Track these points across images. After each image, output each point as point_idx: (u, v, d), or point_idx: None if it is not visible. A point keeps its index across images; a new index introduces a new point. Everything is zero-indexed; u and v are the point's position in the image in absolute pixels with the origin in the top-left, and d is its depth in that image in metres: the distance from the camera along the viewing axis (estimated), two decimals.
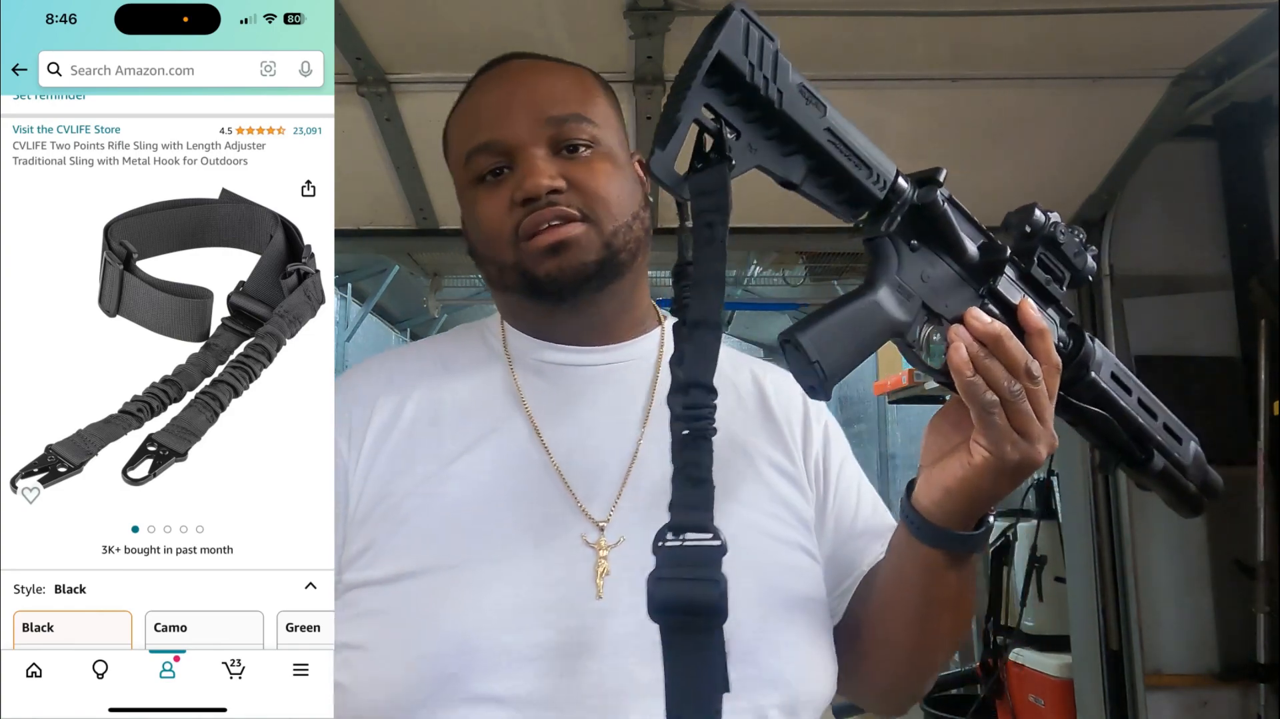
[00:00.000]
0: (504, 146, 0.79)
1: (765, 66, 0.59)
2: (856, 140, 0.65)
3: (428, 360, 0.84)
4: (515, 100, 0.80)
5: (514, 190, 0.77)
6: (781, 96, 0.60)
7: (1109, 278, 2.01)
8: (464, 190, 0.83)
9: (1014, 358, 0.65)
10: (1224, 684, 1.94)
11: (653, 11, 1.35)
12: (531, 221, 0.76)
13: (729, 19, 0.60)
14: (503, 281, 0.81)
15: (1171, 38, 1.50)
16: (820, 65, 1.57)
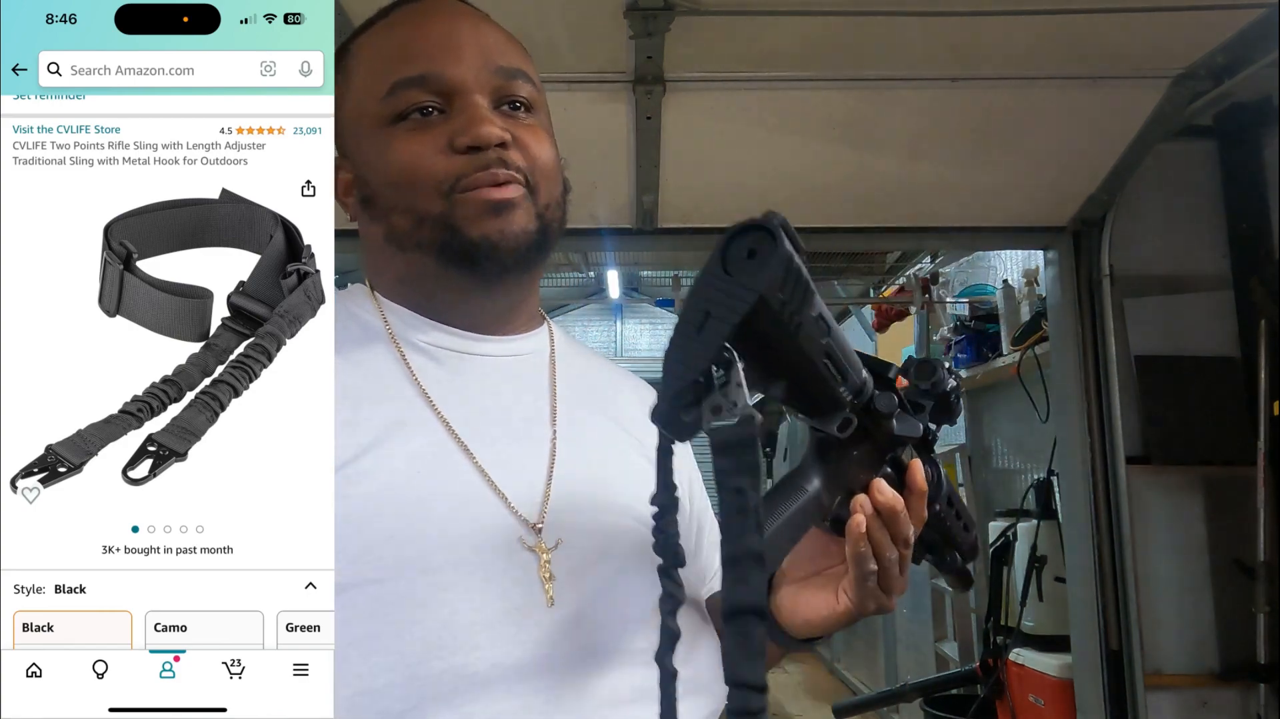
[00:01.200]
0: (444, 85, 0.69)
1: (796, 300, 0.50)
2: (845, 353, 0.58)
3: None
4: (461, 39, 0.71)
5: (455, 135, 0.68)
6: (799, 329, 0.52)
7: (1109, 278, 2.01)
8: (374, 129, 0.71)
9: (901, 529, 0.66)
10: (1224, 684, 1.94)
11: (653, 11, 1.35)
12: (477, 176, 0.67)
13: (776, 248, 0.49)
14: (414, 237, 0.69)
15: (1171, 38, 1.51)
16: (820, 65, 1.58)
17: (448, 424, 0.68)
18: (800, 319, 0.52)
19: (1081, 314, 2.05)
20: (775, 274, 0.49)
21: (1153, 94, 1.65)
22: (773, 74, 1.57)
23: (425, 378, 0.70)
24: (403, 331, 0.72)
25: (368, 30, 0.75)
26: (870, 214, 2.01)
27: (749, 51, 1.51)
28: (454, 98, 0.70)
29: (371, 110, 0.71)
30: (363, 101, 0.72)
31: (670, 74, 1.55)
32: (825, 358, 0.56)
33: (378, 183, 0.71)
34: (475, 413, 0.70)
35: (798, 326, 0.52)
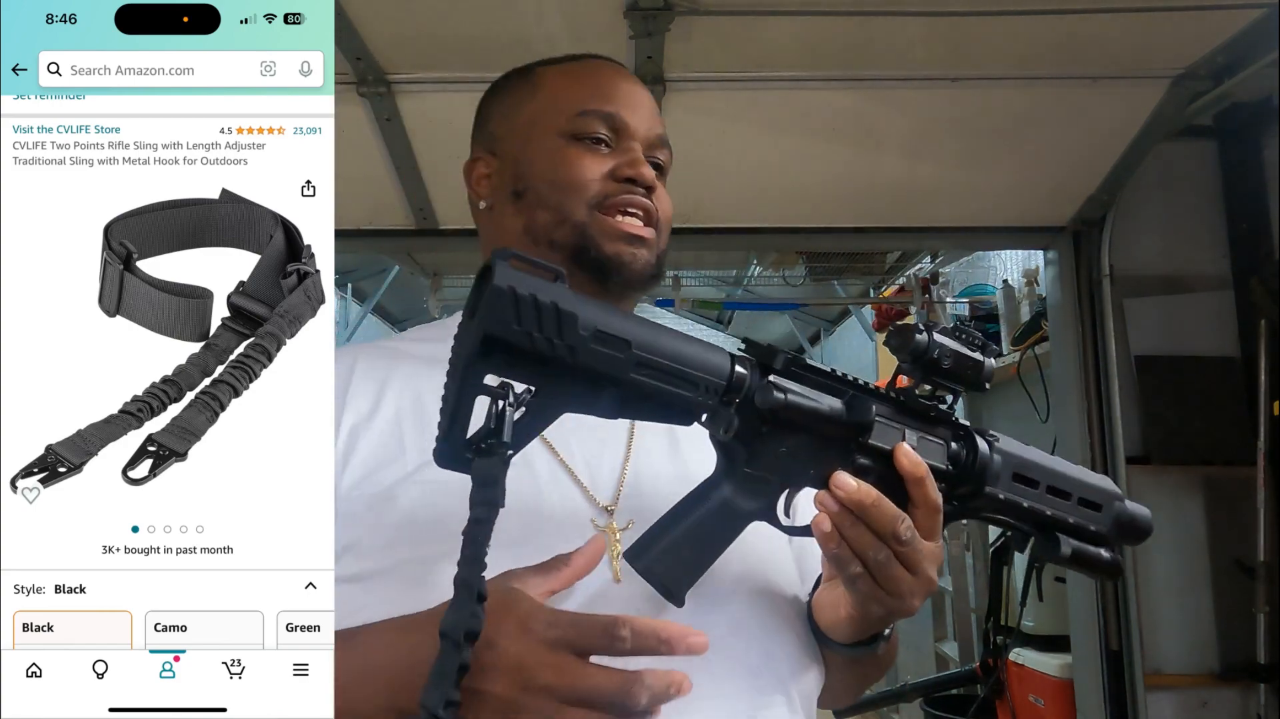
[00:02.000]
0: (621, 125, 0.82)
1: (547, 328, 0.52)
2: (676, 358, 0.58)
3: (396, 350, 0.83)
4: (639, 97, 0.85)
5: (620, 166, 0.80)
6: (574, 350, 0.54)
7: (1109, 278, 2.01)
8: (549, 137, 0.82)
9: (882, 524, 0.63)
10: (1224, 684, 1.94)
11: (653, 11, 1.35)
12: (622, 200, 0.80)
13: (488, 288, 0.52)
14: (553, 233, 0.80)
15: (1171, 38, 1.50)
16: (820, 65, 1.58)
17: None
18: (569, 342, 0.53)
19: (1081, 314, 2.05)
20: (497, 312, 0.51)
21: (1153, 94, 1.65)
22: (773, 74, 1.57)
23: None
24: None
25: (564, 61, 0.89)
26: (870, 214, 2.01)
27: (749, 51, 1.51)
28: (623, 138, 0.83)
29: (556, 123, 0.83)
30: (548, 113, 0.84)
31: (670, 74, 1.55)
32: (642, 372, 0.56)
33: (537, 180, 0.82)
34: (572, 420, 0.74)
35: (570, 349, 0.53)
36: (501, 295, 0.52)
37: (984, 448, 0.69)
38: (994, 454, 0.69)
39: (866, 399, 0.65)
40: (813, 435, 0.64)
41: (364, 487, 0.72)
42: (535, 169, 0.82)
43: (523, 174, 0.83)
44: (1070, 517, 0.73)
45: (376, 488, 0.72)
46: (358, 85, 1.56)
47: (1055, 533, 0.72)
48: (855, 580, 0.65)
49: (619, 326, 0.55)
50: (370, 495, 0.71)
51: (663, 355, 0.57)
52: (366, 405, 0.77)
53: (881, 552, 0.64)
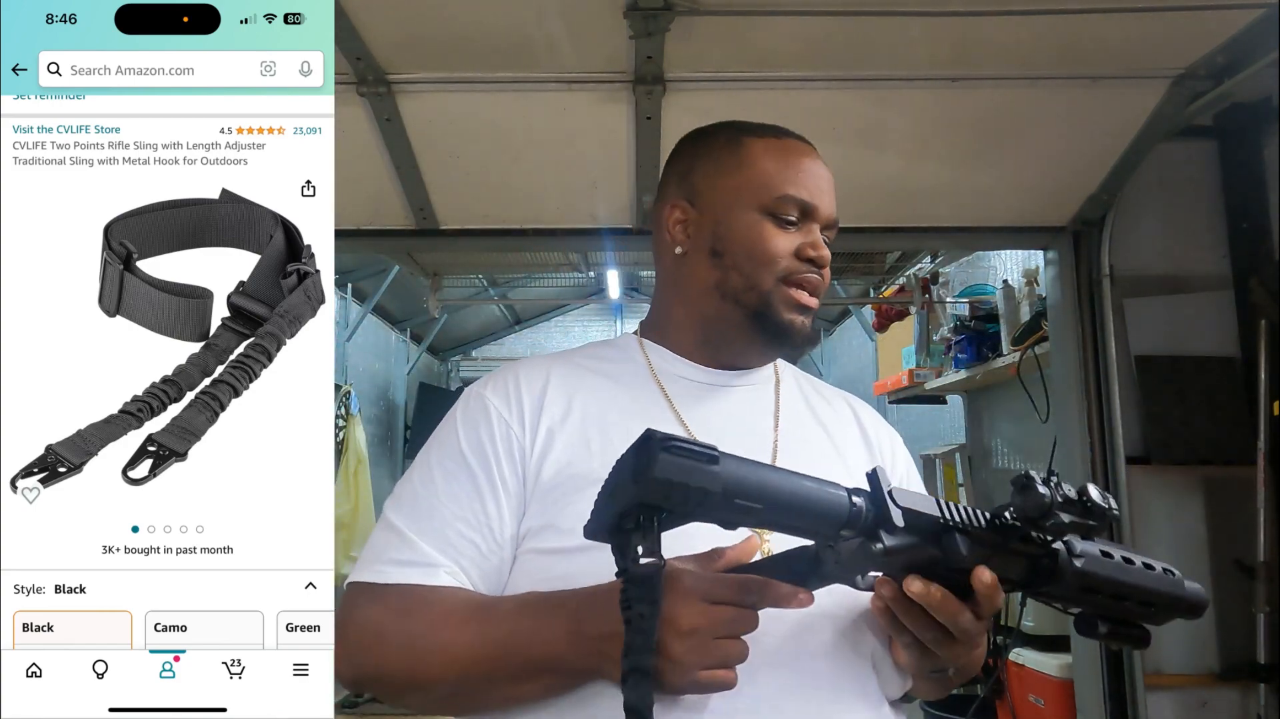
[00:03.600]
0: (811, 211, 0.93)
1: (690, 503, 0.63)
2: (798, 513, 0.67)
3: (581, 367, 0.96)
4: (825, 182, 0.95)
5: (808, 247, 0.92)
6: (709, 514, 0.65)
7: (1109, 278, 2.01)
8: (749, 209, 0.93)
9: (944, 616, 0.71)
10: (1224, 684, 1.94)
11: (653, 11, 1.35)
12: (803, 277, 0.92)
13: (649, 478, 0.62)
14: (740, 295, 0.92)
15: (1171, 38, 1.50)
16: (820, 65, 1.58)
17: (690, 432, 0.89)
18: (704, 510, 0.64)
19: (1081, 314, 2.05)
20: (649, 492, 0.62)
21: (1153, 94, 1.65)
22: (773, 74, 1.57)
23: (678, 402, 0.93)
24: (661, 368, 0.96)
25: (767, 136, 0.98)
26: (870, 214, 2.01)
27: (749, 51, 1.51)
28: (808, 219, 0.93)
29: (760, 200, 0.92)
30: (753, 189, 0.93)
31: (670, 74, 1.55)
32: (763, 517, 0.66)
33: (736, 247, 0.93)
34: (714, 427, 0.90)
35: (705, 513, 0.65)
36: (659, 485, 0.62)
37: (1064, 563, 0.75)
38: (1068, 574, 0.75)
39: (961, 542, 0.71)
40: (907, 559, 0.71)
41: (560, 478, 0.84)
42: (735, 235, 0.93)
43: (723, 236, 0.94)
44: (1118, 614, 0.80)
45: (571, 479, 0.83)
46: (358, 85, 1.56)
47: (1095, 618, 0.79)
48: (909, 647, 0.75)
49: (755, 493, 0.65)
50: (566, 485, 0.83)
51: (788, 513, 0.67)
52: (560, 411, 0.89)
53: (929, 632, 0.72)
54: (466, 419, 0.88)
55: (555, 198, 1.94)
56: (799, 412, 0.97)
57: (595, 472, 0.80)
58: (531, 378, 0.92)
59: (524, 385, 0.90)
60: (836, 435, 0.98)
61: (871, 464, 0.90)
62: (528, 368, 0.94)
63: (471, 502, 0.84)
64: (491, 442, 0.86)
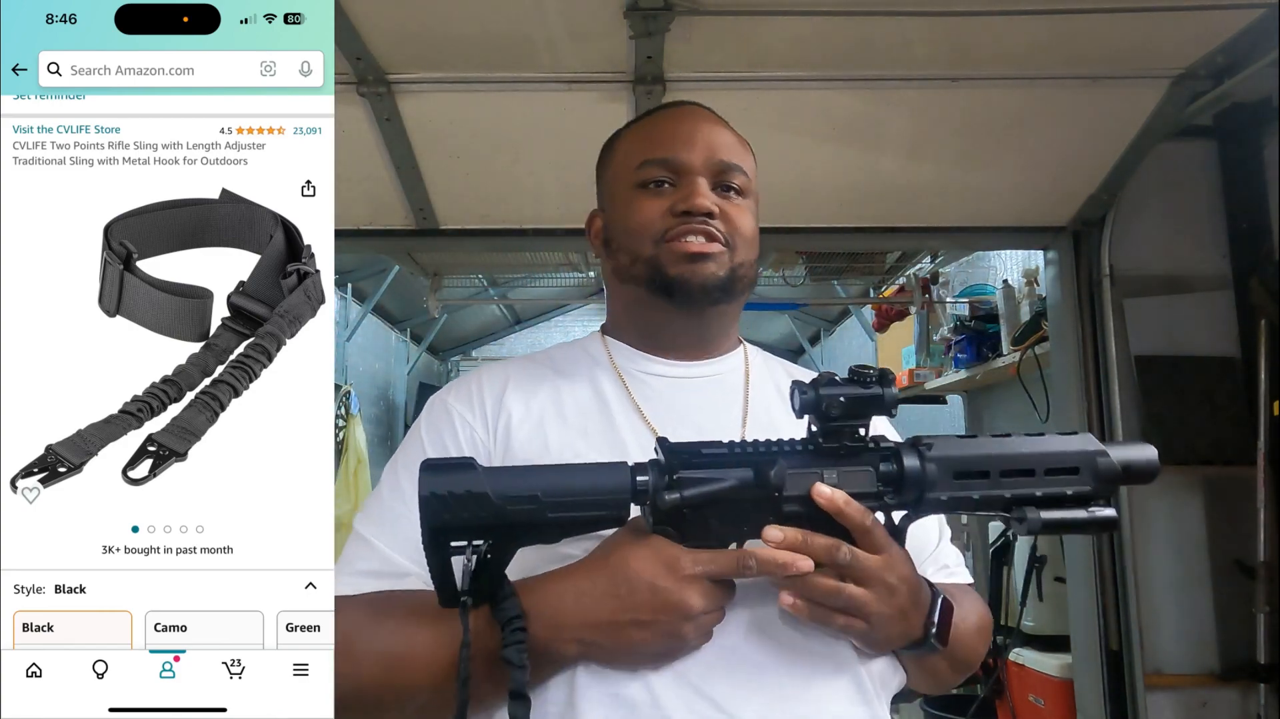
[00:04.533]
0: (677, 165, 0.91)
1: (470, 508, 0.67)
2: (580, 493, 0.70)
3: (540, 369, 0.96)
4: (696, 134, 0.93)
5: (676, 202, 0.90)
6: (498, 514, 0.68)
7: (1109, 278, 2.01)
8: (623, 190, 0.94)
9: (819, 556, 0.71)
10: (1224, 684, 1.93)
11: (653, 11, 1.35)
12: (682, 229, 0.89)
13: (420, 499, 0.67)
14: (630, 271, 0.92)
15: (1171, 38, 1.50)
16: (820, 65, 1.58)
17: (653, 429, 0.88)
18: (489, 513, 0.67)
19: (1081, 314, 2.05)
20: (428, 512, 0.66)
21: (1153, 94, 1.65)
22: (773, 74, 1.56)
23: (639, 396, 0.92)
24: (623, 364, 0.95)
25: (634, 125, 1.00)
26: (870, 214, 2.01)
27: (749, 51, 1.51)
28: (683, 176, 0.91)
29: (625, 178, 0.94)
30: (622, 170, 0.95)
31: (670, 74, 1.55)
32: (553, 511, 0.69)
33: (616, 228, 0.95)
34: (675, 420, 0.89)
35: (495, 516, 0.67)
36: (426, 501, 0.66)
37: (911, 461, 0.74)
38: (925, 463, 0.74)
39: (770, 461, 0.72)
40: (733, 504, 0.72)
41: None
42: (615, 220, 0.95)
43: (610, 225, 0.97)
44: (1037, 489, 0.74)
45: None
46: (358, 85, 1.55)
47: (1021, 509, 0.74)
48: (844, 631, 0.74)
49: (524, 488, 0.68)
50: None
51: (569, 496, 0.69)
52: (519, 410, 0.89)
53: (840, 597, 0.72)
54: (430, 425, 0.90)
55: (555, 198, 1.94)
56: (770, 401, 0.96)
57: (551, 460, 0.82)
58: (492, 381, 0.93)
59: (485, 388, 0.92)
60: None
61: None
62: (489, 372, 0.95)
63: None
64: (456, 445, 0.87)
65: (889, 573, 0.73)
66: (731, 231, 0.91)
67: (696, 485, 0.71)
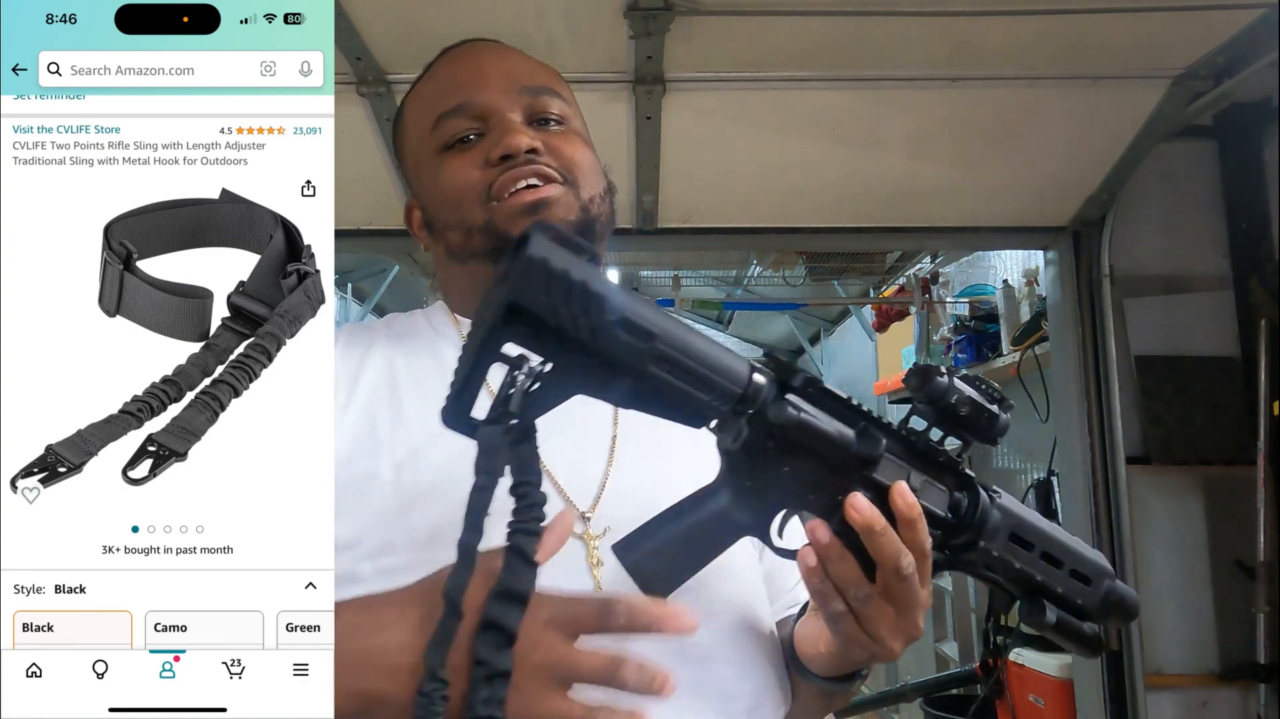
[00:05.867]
0: (479, 109, 0.77)
1: (574, 305, 0.52)
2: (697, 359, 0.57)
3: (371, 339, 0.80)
4: (489, 68, 0.79)
5: (490, 150, 0.75)
6: (597, 332, 0.53)
7: (1109, 278, 2.01)
8: (427, 160, 0.79)
9: (885, 553, 0.61)
10: (1224, 684, 1.94)
11: (653, 11, 1.35)
12: (508, 179, 0.74)
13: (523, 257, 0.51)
14: (468, 247, 0.77)
15: (1171, 38, 1.50)
16: (820, 65, 1.58)
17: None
18: (590, 324, 0.52)
19: (1081, 314, 2.05)
20: (527, 282, 0.51)
21: (1153, 94, 1.65)
22: (772, 74, 1.56)
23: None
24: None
25: (417, 83, 0.84)
26: (870, 214, 2.01)
27: (749, 51, 1.51)
28: (489, 119, 0.77)
29: (424, 145, 0.79)
30: (416, 139, 0.81)
31: (670, 74, 1.54)
32: (656, 363, 0.55)
33: (434, 206, 0.80)
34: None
35: (593, 331, 0.53)
36: (534, 266, 0.51)
37: (985, 501, 0.68)
38: (994, 509, 0.68)
39: (878, 432, 0.64)
40: (817, 460, 0.63)
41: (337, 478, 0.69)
42: (428, 197, 0.80)
43: (425, 206, 0.82)
44: (1059, 586, 0.71)
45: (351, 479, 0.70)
46: (358, 85, 1.55)
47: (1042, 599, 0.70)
48: (838, 619, 0.64)
49: (646, 318, 0.55)
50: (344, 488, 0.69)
51: (684, 353, 0.56)
52: (342, 394, 0.75)
53: (863, 590, 0.62)
54: None
55: None
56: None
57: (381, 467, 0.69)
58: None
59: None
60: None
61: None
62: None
63: None
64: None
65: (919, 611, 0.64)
66: (566, 165, 0.77)
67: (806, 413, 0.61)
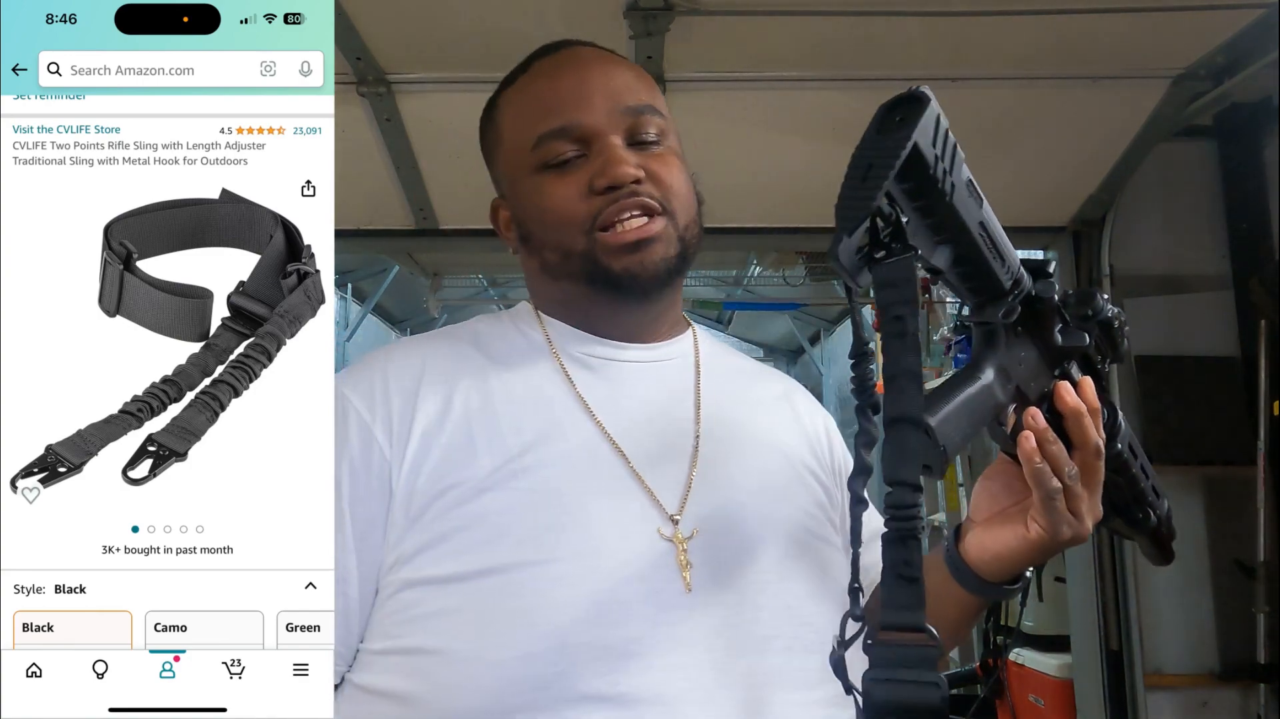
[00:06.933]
0: (582, 132, 0.77)
1: (946, 159, 0.59)
2: (1000, 233, 0.66)
3: (464, 349, 0.81)
4: (591, 87, 0.78)
5: (593, 178, 0.76)
6: (954, 190, 0.60)
7: (1109, 278, 2.01)
8: (525, 176, 0.79)
9: (1086, 435, 0.67)
10: (1224, 684, 1.94)
11: (653, 11, 1.35)
12: (614, 211, 0.75)
13: (926, 108, 0.59)
14: (564, 269, 0.79)
15: (1171, 38, 1.50)
16: (820, 65, 1.58)
17: (600, 425, 0.77)
18: (954, 180, 0.59)
19: None
20: (926, 126, 0.58)
21: (1153, 94, 1.65)
22: (773, 74, 1.56)
23: (582, 385, 0.79)
24: (563, 346, 0.81)
25: (510, 85, 0.84)
26: None
27: (749, 51, 1.51)
28: (591, 142, 0.77)
29: (522, 160, 0.79)
30: (514, 152, 0.81)
31: (670, 74, 1.54)
32: (981, 228, 0.62)
33: (530, 221, 0.81)
34: (624, 414, 0.78)
35: (952, 187, 0.59)
36: (933, 115, 0.59)
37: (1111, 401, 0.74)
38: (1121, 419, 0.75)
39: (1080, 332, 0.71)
40: (1042, 351, 0.70)
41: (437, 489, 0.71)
42: (526, 212, 0.81)
43: (520, 219, 0.82)
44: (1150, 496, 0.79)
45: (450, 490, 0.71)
46: (358, 85, 1.56)
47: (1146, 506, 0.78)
48: (1053, 498, 0.67)
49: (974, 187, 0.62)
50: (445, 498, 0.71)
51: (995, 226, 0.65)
52: (437, 408, 0.75)
53: (1072, 468, 0.67)
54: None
55: None
56: (723, 393, 0.85)
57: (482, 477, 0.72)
58: (402, 371, 0.77)
59: (392, 380, 0.76)
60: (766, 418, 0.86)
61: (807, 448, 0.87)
62: (399, 358, 0.79)
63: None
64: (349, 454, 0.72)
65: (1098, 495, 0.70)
66: (665, 194, 0.77)
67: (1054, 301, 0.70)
